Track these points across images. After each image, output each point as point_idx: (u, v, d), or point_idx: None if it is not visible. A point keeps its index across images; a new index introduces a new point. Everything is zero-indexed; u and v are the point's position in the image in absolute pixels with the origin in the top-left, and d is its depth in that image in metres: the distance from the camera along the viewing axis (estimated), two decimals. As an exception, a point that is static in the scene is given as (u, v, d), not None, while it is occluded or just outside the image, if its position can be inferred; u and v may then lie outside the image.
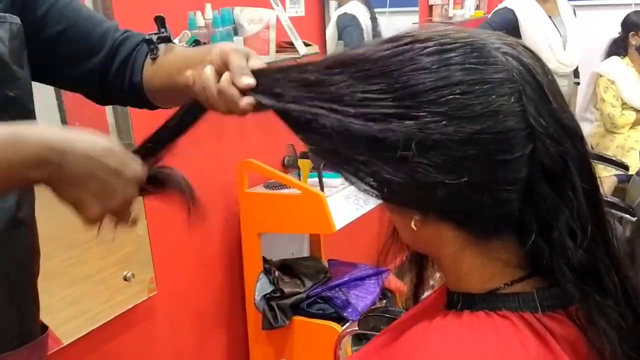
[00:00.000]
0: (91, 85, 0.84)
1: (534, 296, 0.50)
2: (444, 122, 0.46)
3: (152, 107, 0.86)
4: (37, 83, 1.03)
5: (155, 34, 0.81)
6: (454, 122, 0.46)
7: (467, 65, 0.48)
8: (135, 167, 0.62)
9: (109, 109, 1.50)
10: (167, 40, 0.81)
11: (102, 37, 0.82)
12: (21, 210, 0.76)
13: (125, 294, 1.54)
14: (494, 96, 0.47)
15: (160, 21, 0.81)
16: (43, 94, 1.35)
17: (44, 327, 0.85)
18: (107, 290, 1.50)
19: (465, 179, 0.47)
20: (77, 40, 0.81)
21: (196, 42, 0.99)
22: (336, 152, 0.51)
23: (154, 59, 0.79)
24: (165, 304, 1.69)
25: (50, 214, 1.40)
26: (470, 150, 0.47)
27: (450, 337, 0.49)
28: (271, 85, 0.57)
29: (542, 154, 0.48)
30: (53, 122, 1.38)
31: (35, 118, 0.79)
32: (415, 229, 0.52)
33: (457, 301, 0.53)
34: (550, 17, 2.73)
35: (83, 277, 1.45)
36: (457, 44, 0.49)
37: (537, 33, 2.66)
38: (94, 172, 0.58)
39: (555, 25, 2.75)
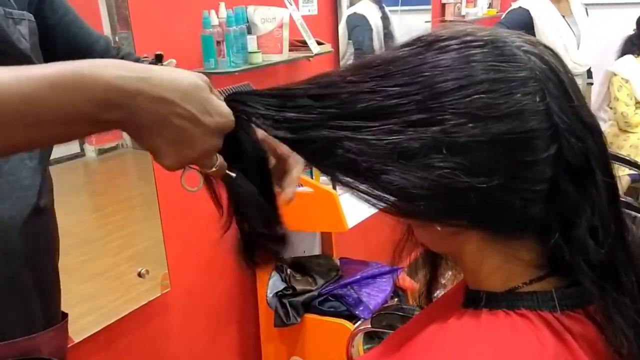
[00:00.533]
0: None
1: (553, 295, 0.50)
2: (470, 125, 0.46)
3: None
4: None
5: (151, 62, 0.85)
6: (479, 124, 0.46)
7: (490, 64, 0.47)
8: (220, 113, 0.52)
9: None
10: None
11: (100, 56, 0.86)
12: (42, 198, 0.79)
13: (139, 290, 1.55)
14: (518, 95, 0.47)
15: (158, 58, 0.86)
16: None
17: (64, 314, 0.88)
18: (122, 287, 1.52)
19: (496, 181, 0.46)
20: (75, 57, 0.83)
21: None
22: (356, 172, 0.49)
23: None
24: (178, 301, 1.71)
25: (65, 210, 1.42)
26: (497, 152, 0.46)
27: (469, 337, 0.49)
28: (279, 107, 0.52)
29: (567, 152, 0.48)
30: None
31: None
32: (440, 229, 0.52)
33: (480, 299, 0.53)
34: (563, 16, 2.71)
35: (97, 273, 1.46)
36: (479, 42, 0.48)
37: (552, 33, 2.64)
38: (169, 118, 0.49)
39: (569, 25, 2.73)
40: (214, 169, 0.55)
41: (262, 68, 1.75)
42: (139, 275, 1.54)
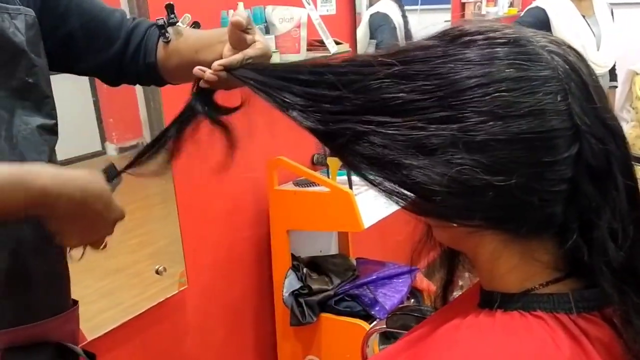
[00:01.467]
0: (109, 71, 0.91)
1: (569, 297, 0.50)
2: (490, 123, 0.46)
3: (162, 84, 0.94)
4: (74, 80, 1.08)
5: (168, 20, 0.87)
6: (499, 122, 0.46)
7: (512, 62, 0.47)
8: (118, 211, 0.71)
9: (141, 105, 1.54)
10: (175, 25, 0.88)
11: (117, 27, 0.89)
12: None
13: (157, 287, 1.57)
14: (540, 94, 0.46)
15: (170, 8, 0.87)
16: (79, 92, 1.39)
17: (75, 301, 0.90)
18: (140, 284, 1.54)
19: (516, 180, 0.46)
20: (95, 33, 0.87)
21: (195, 24, 1.09)
22: (379, 166, 0.50)
23: (166, 42, 0.87)
24: (195, 298, 1.72)
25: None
26: (516, 150, 0.46)
27: (483, 337, 0.49)
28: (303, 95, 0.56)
29: (588, 154, 0.47)
30: (89, 118, 1.43)
31: (53, 103, 0.83)
32: (457, 227, 0.52)
33: (495, 300, 0.52)
34: (584, 16, 2.67)
35: (117, 269, 1.48)
36: (503, 39, 0.48)
37: (568, 32, 2.60)
38: (83, 214, 0.66)
39: (589, 25, 2.69)
40: (100, 248, 0.74)
41: (280, 68, 1.75)
42: (157, 272, 1.55)
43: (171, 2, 0.87)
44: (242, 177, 1.83)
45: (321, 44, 1.90)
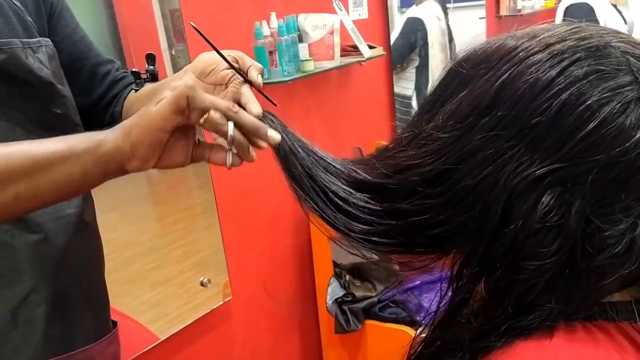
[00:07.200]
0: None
1: (632, 305, 0.47)
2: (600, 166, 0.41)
3: None
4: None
5: (147, 70, 0.85)
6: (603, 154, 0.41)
7: (599, 75, 0.42)
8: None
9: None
10: (154, 76, 0.85)
11: (103, 77, 0.87)
12: (85, 213, 0.82)
13: (202, 297, 1.59)
14: (632, 105, 0.41)
15: (150, 58, 0.85)
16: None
17: (114, 322, 0.91)
18: (186, 294, 1.56)
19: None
20: (79, 76, 0.85)
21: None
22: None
23: (136, 91, 0.84)
24: (240, 309, 1.73)
25: (132, 220, 1.48)
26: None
27: (544, 349, 0.47)
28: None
29: None
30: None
31: (83, 130, 0.83)
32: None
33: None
34: (615, 6, 2.60)
35: (163, 280, 1.51)
36: (578, 50, 0.44)
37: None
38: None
39: (621, 14, 2.60)
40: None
41: (314, 75, 1.76)
42: (202, 284, 1.57)
43: (152, 53, 0.86)
44: (282, 185, 1.83)
45: (355, 48, 1.89)
